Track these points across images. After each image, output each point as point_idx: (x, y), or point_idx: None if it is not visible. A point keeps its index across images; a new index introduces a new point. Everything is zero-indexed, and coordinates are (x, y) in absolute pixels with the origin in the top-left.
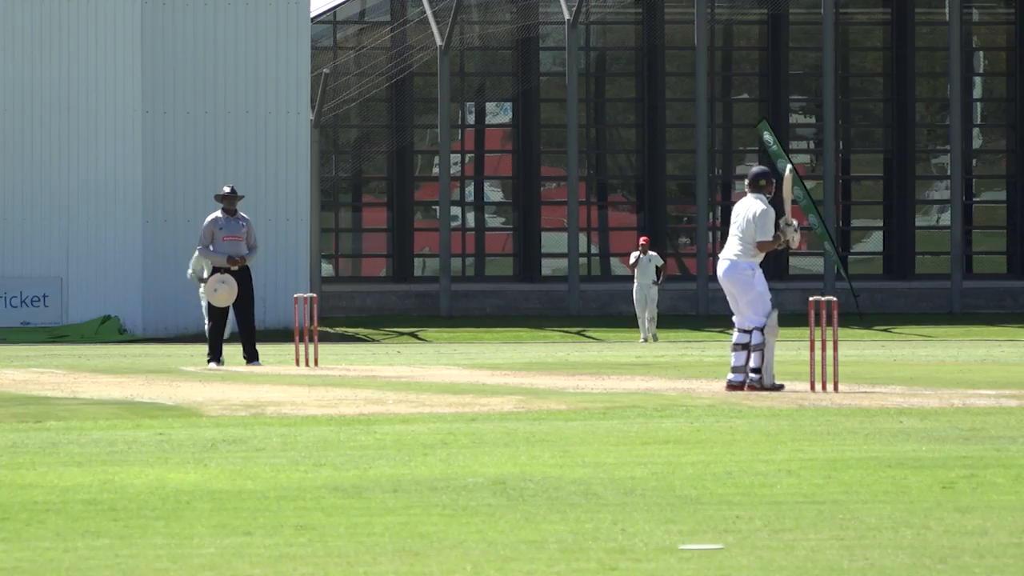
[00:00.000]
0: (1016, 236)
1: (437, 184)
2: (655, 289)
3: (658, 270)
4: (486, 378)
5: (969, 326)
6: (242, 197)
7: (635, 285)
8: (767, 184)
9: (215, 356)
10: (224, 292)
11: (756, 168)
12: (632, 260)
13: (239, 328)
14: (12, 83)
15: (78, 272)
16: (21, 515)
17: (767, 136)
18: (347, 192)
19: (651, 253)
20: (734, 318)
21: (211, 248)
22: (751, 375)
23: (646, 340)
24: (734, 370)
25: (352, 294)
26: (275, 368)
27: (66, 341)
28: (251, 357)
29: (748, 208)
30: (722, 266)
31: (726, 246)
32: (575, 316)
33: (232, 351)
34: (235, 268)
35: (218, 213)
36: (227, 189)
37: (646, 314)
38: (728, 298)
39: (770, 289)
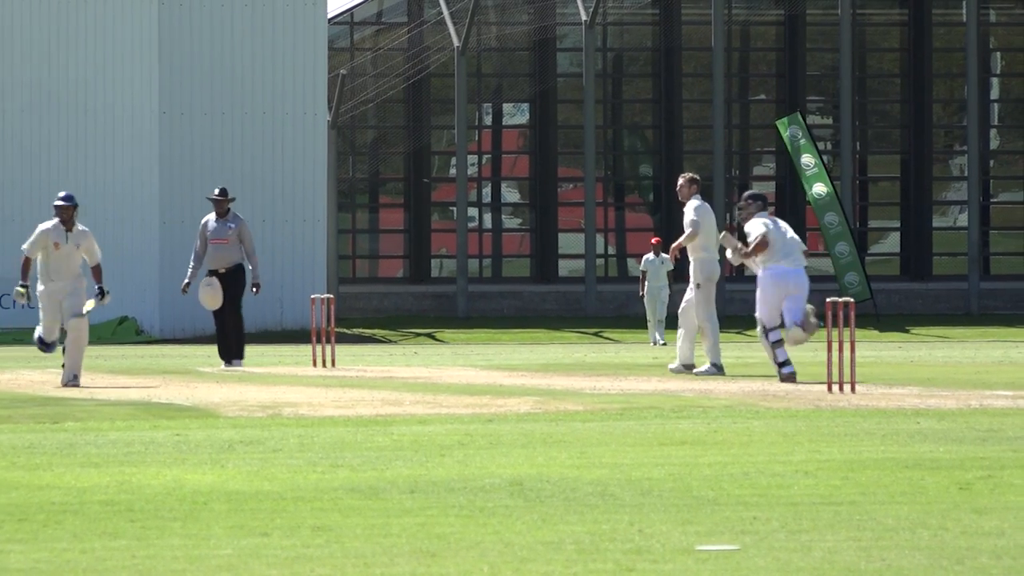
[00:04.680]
0: None
1: (454, 185)
2: (666, 291)
3: (668, 274)
4: (503, 379)
5: (986, 327)
6: (232, 199)
7: (646, 287)
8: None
9: (222, 357)
10: (208, 295)
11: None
12: (642, 265)
13: (226, 327)
14: (30, 85)
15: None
16: (38, 516)
17: (794, 129)
18: (364, 193)
19: (663, 255)
20: None
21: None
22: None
23: (655, 343)
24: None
25: (369, 295)
26: (292, 369)
27: None
28: (234, 356)
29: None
30: None
31: None
32: (592, 317)
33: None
34: (222, 271)
35: (211, 215)
36: (217, 191)
37: (655, 316)
38: None
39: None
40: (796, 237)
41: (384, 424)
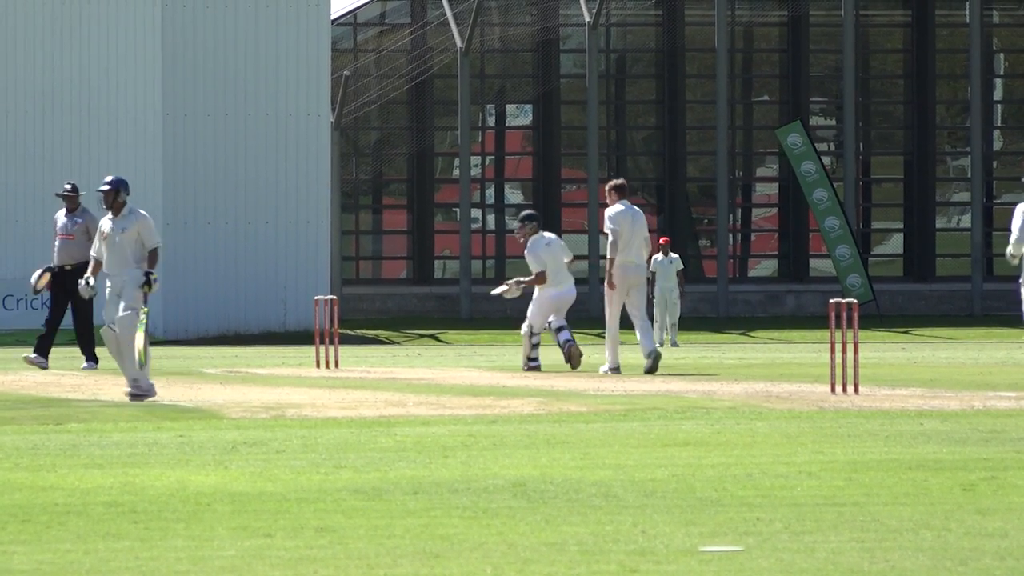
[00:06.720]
0: None
1: (457, 186)
2: (676, 292)
3: (678, 274)
4: (506, 380)
5: (989, 328)
6: (80, 194)
7: (656, 288)
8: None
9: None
10: (46, 281)
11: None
12: (651, 266)
13: (78, 326)
14: (33, 86)
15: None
16: (42, 517)
17: (794, 137)
18: (367, 194)
19: (672, 255)
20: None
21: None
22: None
23: (662, 344)
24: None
25: (372, 296)
26: (295, 370)
27: None
28: (88, 358)
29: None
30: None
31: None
32: (595, 318)
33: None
34: (69, 268)
35: (62, 210)
36: (67, 187)
37: (667, 319)
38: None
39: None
40: (563, 256)
41: (387, 425)
